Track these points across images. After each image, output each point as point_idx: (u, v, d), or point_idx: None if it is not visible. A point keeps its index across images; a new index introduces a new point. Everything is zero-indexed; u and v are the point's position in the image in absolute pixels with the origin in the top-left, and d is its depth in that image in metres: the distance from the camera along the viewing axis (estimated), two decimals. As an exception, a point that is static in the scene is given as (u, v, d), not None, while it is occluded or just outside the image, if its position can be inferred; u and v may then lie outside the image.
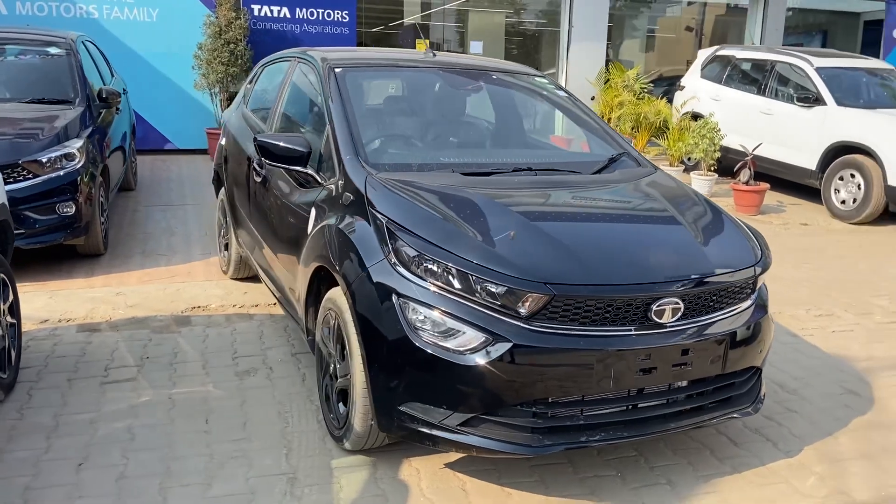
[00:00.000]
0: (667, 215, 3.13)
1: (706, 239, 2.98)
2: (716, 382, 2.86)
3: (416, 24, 10.59)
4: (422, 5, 15.68)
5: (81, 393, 3.60)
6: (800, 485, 3.00)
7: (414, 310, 2.63)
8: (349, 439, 2.97)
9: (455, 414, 2.60)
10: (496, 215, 2.89)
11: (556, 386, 2.58)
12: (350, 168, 3.20)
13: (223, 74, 9.86)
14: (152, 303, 4.90)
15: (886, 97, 9.46)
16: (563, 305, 2.56)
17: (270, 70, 4.95)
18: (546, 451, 2.59)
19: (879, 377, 4.05)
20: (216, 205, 5.57)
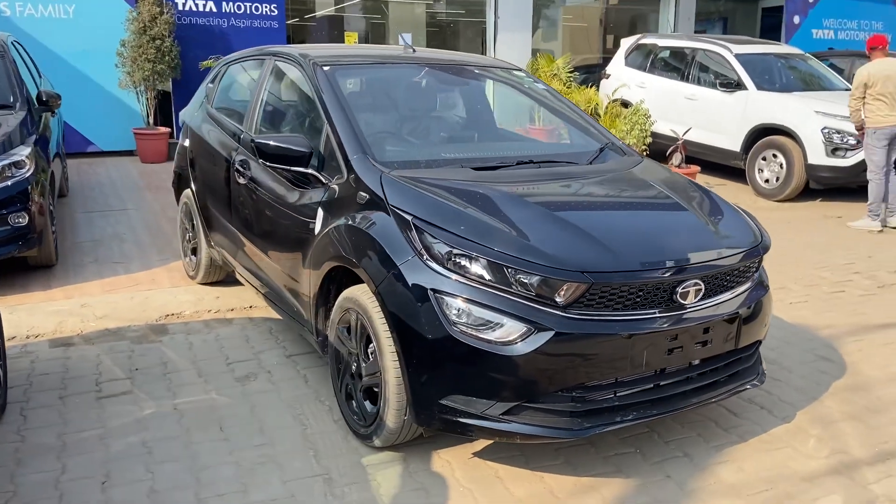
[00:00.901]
0: (672, 201, 3.28)
1: (714, 222, 3.16)
2: (728, 358, 3.04)
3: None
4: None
5: (79, 410, 3.47)
6: (802, 447, 3.23)
7: (451, 304, 2.68)
8: (380, 436, 3.00)
9: (498, 403, 2.67)
10: (519, 208, 2.97)
11: (594, 370, 2.69)
12: (360, 167, 3.21)
13: (150, 72, 9.52)
14: (122, 313, 4.74)
15: (800, 80, 10.06)
16: (599, 293, 2.67)
17: (237, 69, 4.85)
18: (586, 434, 2.70)
19: (844, 343, 4.37)
20: (179, 208, 5.40)
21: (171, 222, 7.00)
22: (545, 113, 4.26)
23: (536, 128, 5.27)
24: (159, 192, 8.35)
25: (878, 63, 7.29)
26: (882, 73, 7.20)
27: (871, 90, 7.22)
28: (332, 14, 15.57)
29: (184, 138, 5.14)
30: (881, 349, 4.31)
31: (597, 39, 16.96)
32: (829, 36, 15.50)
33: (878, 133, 7.28)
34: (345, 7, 15.60)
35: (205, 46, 10.02)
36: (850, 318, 4.78)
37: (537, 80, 4.41)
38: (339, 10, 15.67)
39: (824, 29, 15.54)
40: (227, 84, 4.90)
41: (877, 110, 7.24)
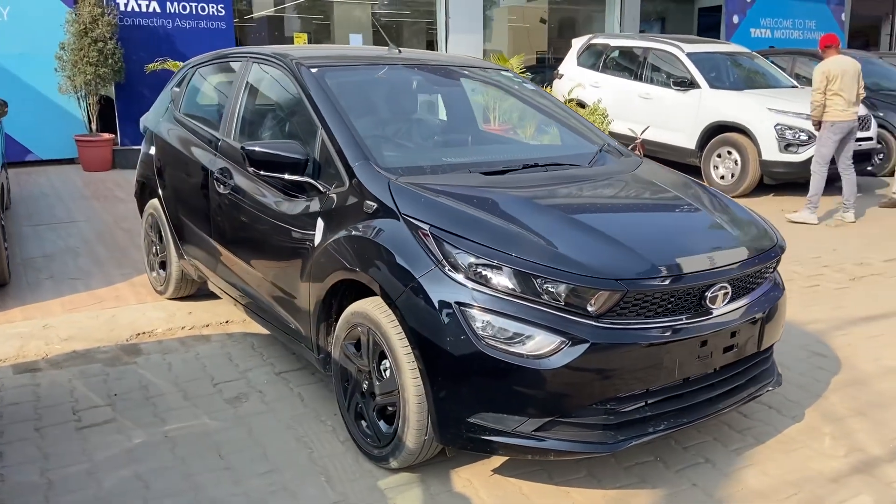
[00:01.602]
0: (688, 203, 3.22)
1: (733, 224, 3.11)
2: (750, 361, 2.99)
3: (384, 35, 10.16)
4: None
5: (59, 442, 3.21)
6: (819, 447, 3.21)
7: (478, 317, 2.55)
8: (398, 457, 2.84)
9: (530, 420, 2.56)
10: (539, 213, 2.86)
11: (628, 381, 2.60)
12: (363, 174, 3.04)
13: (92, 76, 9.09)
14: (89, 333, 4.45)
15: (749, 78, 10.27)
16: (632, 300, 2.58)
17: (208, 71, 4.60)
18: (620, 447, 2.61)
19: (832, 338, 4.41)
20: (144, 220, 5.12)
21: (126, 234, 6.67)
22: (538, 113, 4.15)
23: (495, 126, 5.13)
24: (108, 202, 7.97)
25: (835, 60, 7.49)
26: (839, 69, 7.41)
27: (831, 86, 7.41)
28: (272, 15, 15.20)
29: (148, 145, 4.86)
30: (868, 342, 4.37)
31: (542, 39, 17.04)
32: (766, 35, 15.94)
33: (835, 126, 7.47)
34: (286, 8, 15.25)
35: (150, 49, 9.63)
36: (833, 313, 4.84)
37: (525, 81, 4.32)
38: (279, 10, 15.31)
39: (762, 28, 15.97)
40: (196, 88, 4.65)
41: (835, 105, 7.43)
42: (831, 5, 17.05)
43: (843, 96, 7.39)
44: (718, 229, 3.05)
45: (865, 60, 12.05)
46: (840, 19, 17.17)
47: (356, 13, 15.54)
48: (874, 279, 5.67)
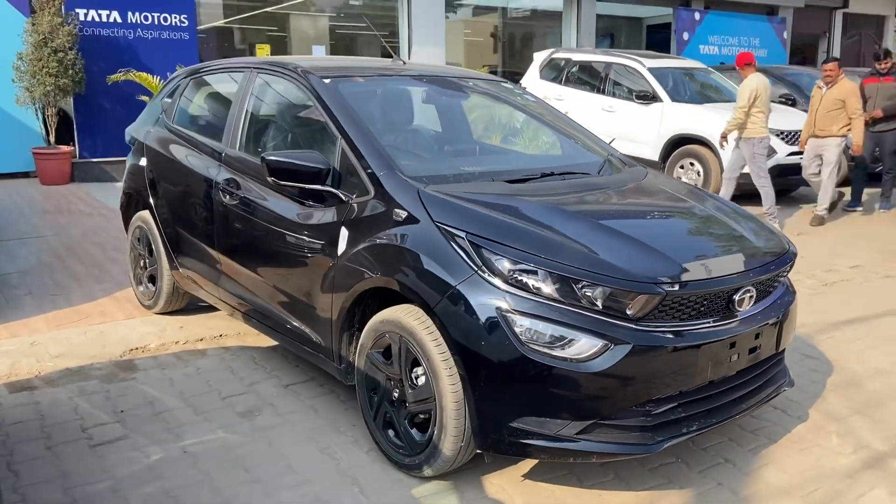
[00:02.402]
0: (705, 210, 3.33)
1: (751, 231, 3.22)
2: (768, 362, 3.10)
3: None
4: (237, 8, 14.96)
5: (75, 461, 3.11)
6: (828, 444, 3.34)
7: (520, 322, 2.59)
8: (433, 465, 2.85)
9: (573, 423, 2.60)
10: (570, 220, 2.92)
11: (665, 383, 2.67)
12: (390, 183, 3.06)
13: (52, 87, 8.83)
14: (79, 350, 4.33)
15: (707, 92, 10.61)
16: (669, 304, 2.66)
17: (204, 82, 4.54)
18: (659, 448, 2.67)
19: (819, 341, 4.59)
20: (130, 233, 4.99)
21: (98, 248, 6.50)
22: (543, 124, 4.22)
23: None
24: (73, 216, 7.76)
25: (757, 77, 7.88)
26: (763, 86, 7.80)
27: (756, 103, 7.75)
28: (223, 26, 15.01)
29: (137, 157, 4.75)
30: (852, 345, 4.55)
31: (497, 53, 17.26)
32: (714, 52, 16.47)
33: (763, 142, 7.85)
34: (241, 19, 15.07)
35: (111, 59, 9.43)
36: (815, 317, 5.02)
37: (527, 93, 4.40)
38: (231, 21, 15.12)
39: (710, 45, 16.49)
40: (191, 99, 4.58)
41: (759, 121, 7.81)
42: (774, 24, 17.74)
43: (765, 113, 7.81)
44: (739, 235, 3.16)
45: (813, 76, 12.61)
46: (782, 37, 17.88)
47: (314, 25, 15.49)
48: (845, 284, 5.92)
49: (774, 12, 18.20)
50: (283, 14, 15.13)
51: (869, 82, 8.85)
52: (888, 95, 8.64)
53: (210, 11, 14.45)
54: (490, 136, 4.23)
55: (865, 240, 7.52)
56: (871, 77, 8.95)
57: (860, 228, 8.13)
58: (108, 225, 7.38)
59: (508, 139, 4.32)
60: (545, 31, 16.99)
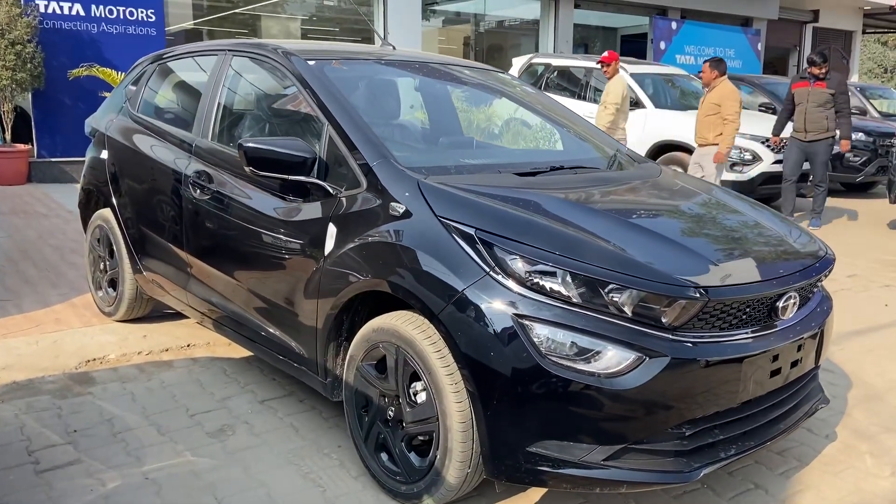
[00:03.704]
0: (735, 209, 3.03)
1: (788, 233, 2.92)
2: (807, 377, 2.80)
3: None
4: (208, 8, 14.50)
5: (19, 490, 2.70)
6: (863, 466, 3.05)
7: (539, 331, 2.24)
8: (434, 494, 2.49)
9: (600, 447, 2.26)
10: (592, 216, 2.59)
11: (705, 401, 2.34)
12: (385, 174, 2.70)
13: (8, 81, 8.33)
14: (29, 361, 3.89)
15: (688, 99, 10.44)
16: (710, 311, 2.33)
17: (171, 68, 4.15)
18: (696, 476, 2.34)
19: (834, 352, 4.31)
20: (89, 232, 4.56)
21: (55, 251, 6.04)
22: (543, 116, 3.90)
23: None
24: (29, 218, 7.27)
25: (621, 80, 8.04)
26: (625, 90, 7.91)
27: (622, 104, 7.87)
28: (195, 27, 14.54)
29: (98, 149, 4.34)
30: (867, 356, 4.30)
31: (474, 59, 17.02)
32: (690, 61, 16.40)
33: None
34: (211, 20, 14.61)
35: (73, 54, 8.94)
36: (822, 328, 4.76)
37: (524, 83, 4.08)
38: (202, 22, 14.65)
39: (686, 55, 16.43)
40: (157, 86, 4.18)
41: (620, 122, 7.92)
42: (748, 35, 17.78)
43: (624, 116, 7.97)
44: (776, 236, 2.86)
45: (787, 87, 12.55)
46: (756, 49, 17.91)
47: (285, 28, 15.10)
48: (845, 294, 5.69)
49: (749, 24, 18.26)
50: (253, 16, 14.73)
51: (798, 87, 8.33)
52: (819, 102, 8.12)
53: (179, 12, 13.96)
54: (488, 127, 3.90)
55: (859, 250, 7.33)
56: (801, 81, 8.41)
57: (853, 239, 7.95)
58: (66, 227, 6.90)
59: (508, 131, 3.99)
60: (521, 38, 16.81)
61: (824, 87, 8.13)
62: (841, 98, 8.15)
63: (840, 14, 21.69)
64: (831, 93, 8.09)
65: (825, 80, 8.17)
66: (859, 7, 21.93)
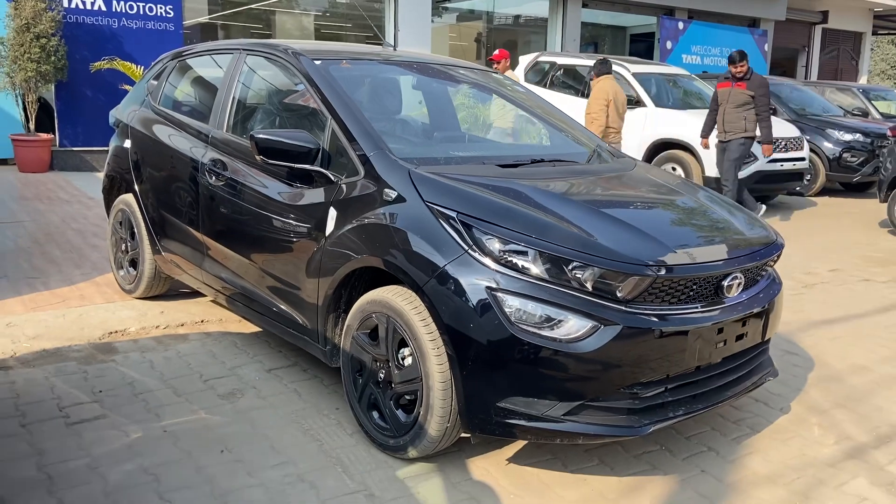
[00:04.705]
0: (694, 199, 3.35)
1: (739, 220, 3.24)
2: (754, 350, 3.12)
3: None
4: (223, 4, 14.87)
5: (52, 438, 3.05)
6: (810, 435, 3.36)
7: (510, 302, 2.57)
8: (418, 446, 2.83)
9: (560, 404, 2.59)
10: (562, 203, 2.91)
11: (653, 365, 2.66)
12: (380, 164, 3.04)
13: (33, 73, 8.71)
14: (57, 332, 4.25)
15: (690, 98, 10.72)
16: (659, 287, 2.66)
17: (190, 65, 4.50)
18: (645, 431, 2.67)
19: (800, 339, 4.62)
20: (112, 216, 4.91)
21: (78, 234, 6.41)
22: (531, 114, 4.22)
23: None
24: (52, 203, 7.65)
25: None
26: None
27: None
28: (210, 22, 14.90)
29: (122, 139, 4.69)
30: (832, 342, 4.60)
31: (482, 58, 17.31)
32: (696, 61, 16.65)
33: None
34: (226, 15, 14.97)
35: (95, 48, 9.32)
36: (795, 316, 5.07)
37: (516, 84, 4.40)
38: (217, 17, 15.02)
39: (693, 55, 16.66)
40: (177, 81, 4.53)
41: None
42: (755, 36, 17.97)
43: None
44: (728, 223, 3.18)
45: (794, 87, 12.79)
46: (763, 50, 18.11)
47: (299, 23, 15.44)
48: (824, 287, 5.98)
49: (756, 24, 18.45)
50: (268, 11, 15.07)
51: (722, 87, 8.37)
52: (738, 102, 8.13)
53: (196, 6, 14.35)
54: (480, 123, 4.22)
55: (845, 246, 7.61)
56: (725, 82, 8.36)
57: (842, 236, 8.23)
58: (87, 212, 7.28)
59: (498, 128, 4.31)
60: (530, 36, 17.08)
61: (744, 87, 8.16)
62: (760, 100, 8.09)
63: (849, 15, 21.84)
64: (751, 94, 8.09)
65: (745, 80, 8.18)
66: (869, 8, 22.06)
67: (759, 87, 8.15)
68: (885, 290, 5.90)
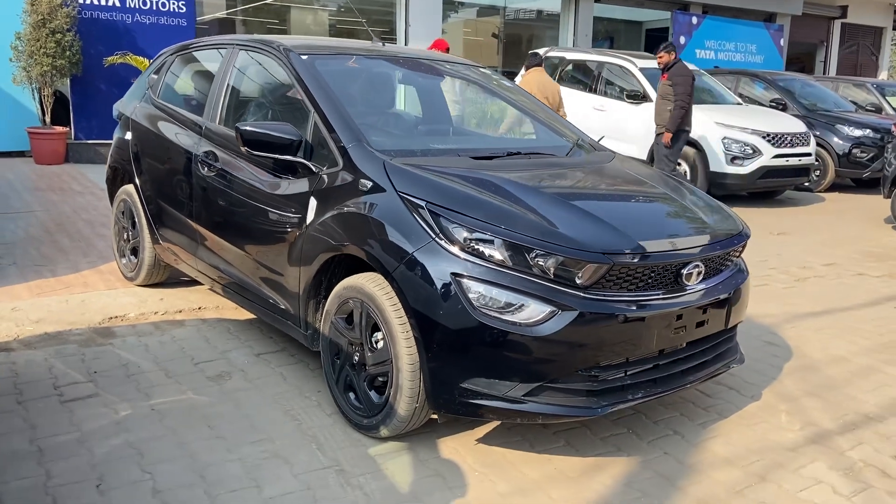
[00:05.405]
0: (662, 191, 3.45)
1: (705, 211, 3.33)
2: (717, 339, 3.21)
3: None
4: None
5: (45, 414, 3.22)
6: (776, 422, 3.45)
7: (473, 288, 2.69)
8: (388, 425, 2.96)
9: (520, 385, 2.71)
10: (528, 193, 3.02)
11: (611, 350, 2.77)
12: (358, 155, 3.16)
13: (49, 67, 8.94)
14: (59, 316, 4.43)
15: (697, 94, 10.70)
16: (616, 274, 2.76)
17: (188, 59, 4.65)
18: (603, 412, 2.78)
19: (783, 330, 4.70)
20: (115, 206, 5.09)
21: (87, 224, 6.61)
22: (515, 108, 4.33)
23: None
24: (65, 194, 7.87)
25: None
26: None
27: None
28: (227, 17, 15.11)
29: (123, 131, 4.86)
30: (815, 334, 4.66)
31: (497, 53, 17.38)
32: (710, 56, 16.59)
33: None
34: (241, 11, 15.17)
35: (109, 43, 9.54)
36: (782, 308, 5.14)
37: (503, 78, 4.51)
38: (233, 12, 15.23)
39: (706, 49, 16.62)
40: (176, 74, 4.69)
41: None
42: (771, 31, 17.87)
43: None
44: (692, 213, 3.28)
45: (805, 83, 12.74)
46: (779, 45, 18.00)
47: (313, 18, 15.60)
48: (817, 280, 6.03)
49: (772, 19, 18.34)
50: (284, 7, 15.25)
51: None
52: (662, 94, 8.24)
53: (213, 2, 14.57)
54: (464, 117, 4.34)
55: (846, 241, 7.63)
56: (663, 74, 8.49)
57: (842, 230, 8.24)
58: (98, 203, 7.48)
59: (482, 121, 4.43)
60: (544, 32, 17.11)
61: (665, 78, 8.20)
62: (676, 89, 8.09)
63: (869, 10, 21.62)
64: (670, 84, 8.12)
65: (668, 71, 8.21)
66: (889, 3, 21.82)
67: (676, 77, 8.17)
68: (878, 284, 5.94)
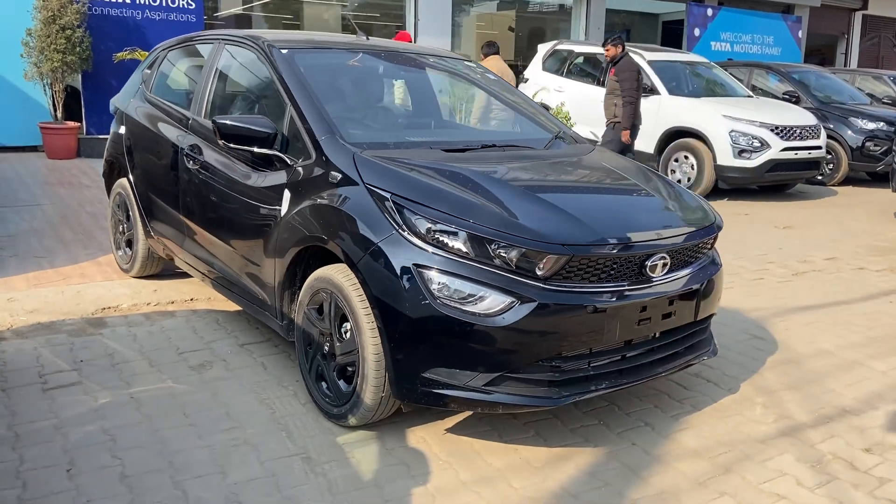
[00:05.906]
0: (634, 183, 3.44)
1: (674, 202, 3.33)
2: (687, 330, 3.21)
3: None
4: (254, -6, 15.17)
5: (26, 401, 3.30)
6: (750, 414, 3.44)
7: (434, 279, 2.72)
8: (356, 414, 3.00)
9: (480, 375, 2.73)
10: (494, 186, 3.04)
11: (572, 340, 2.79)
12: (329, 148, 3.20)
13: (59, 63, 9.08)
14: (54, 307, 4.52)
15: (707, 87, 10.64)
16: (577, 265, 2.78)
17: (178, 54, 4.72)
18: (564, 402, 2.80)
19: (771, 323, 4.67)
20: (111, 199, 5.19)
21: (91, 217, 6.73)
22: (498, 101, 4.34)
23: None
24: (74, 188, 8.00)
25: None
26: None
27: None
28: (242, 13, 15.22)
29: (118, 125, 4.95)
30: (805, 328, 4.63)
31: (510, 47, 17.34)
32: (725, 48, 16.43)
33: None
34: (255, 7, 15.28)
35: (118, 38, 9.66)
36: (774, 302, 5.10)
37: (487, 71, 4.52)
38: (248, 8, 15.34)
39: (722, 42, 16.46)
40: (167, 69, 4.76)
41: None
42: (789, 22, 17.65)
43: None
44: (661, 206, 3.27)
45: (820, 75, 12.58)
46: (797, 37, 17.77)
47: (326, 13, 15.68)
48: (815, 274, 5.98)
49: (790, 11, 18.11)
50: (297, 3, 15.34)
51: None
52: (609, 89, 8.16)
53: (238, 1, 14.71)
54: (446, 110, 4.35)
55: (850, 235, 7.54)
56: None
57: (849, 224, 8.14)
58: (104, 197, 7.50)
59: (464, 114, 4.44)
60: (559, 24, 17.05)
61: (613, 73, 8.13)
62: (622, 84, 8.00)
63: (891, 1, 21.25)
64: (616, 79, 8.05)
65: (615, 65, 8.13)
66: (912, -6, 21.43)
67: (622, 72, 8.10)
68: (876, 279, 5.88)
